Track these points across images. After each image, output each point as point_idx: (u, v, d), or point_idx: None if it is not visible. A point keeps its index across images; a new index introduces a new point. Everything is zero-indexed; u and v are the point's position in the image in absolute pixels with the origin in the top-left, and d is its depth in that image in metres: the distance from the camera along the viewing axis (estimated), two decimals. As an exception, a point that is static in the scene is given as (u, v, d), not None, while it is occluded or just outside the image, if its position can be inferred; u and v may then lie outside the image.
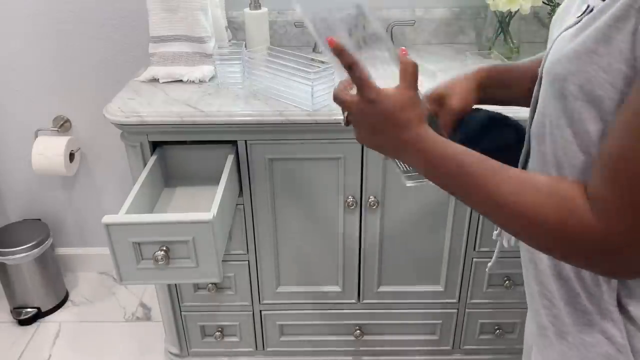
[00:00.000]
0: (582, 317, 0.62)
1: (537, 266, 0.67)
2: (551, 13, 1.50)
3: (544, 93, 0.60)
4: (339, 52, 0.62)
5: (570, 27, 0.57)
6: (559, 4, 1.49)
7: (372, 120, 0.63)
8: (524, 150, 0.71)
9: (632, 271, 0.53)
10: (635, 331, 0.59)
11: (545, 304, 0.67)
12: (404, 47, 0.67)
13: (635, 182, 0.48)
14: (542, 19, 1.61)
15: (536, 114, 0.64)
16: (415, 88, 0.63)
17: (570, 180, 0.54)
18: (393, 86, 0.63)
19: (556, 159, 0.59)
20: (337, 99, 0.67)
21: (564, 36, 0.57)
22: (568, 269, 0.62)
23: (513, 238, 0.81)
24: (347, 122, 0.68)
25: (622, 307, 0.59)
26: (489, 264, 0.95)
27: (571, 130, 0.56)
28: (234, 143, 1.28)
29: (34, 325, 1.83)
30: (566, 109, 0.56)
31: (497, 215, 0.57)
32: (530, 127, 0.67)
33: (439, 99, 0.79)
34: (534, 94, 0.65)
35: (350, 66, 0.62)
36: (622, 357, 0.60)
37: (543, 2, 1.43)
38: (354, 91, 0.65)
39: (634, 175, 0.48)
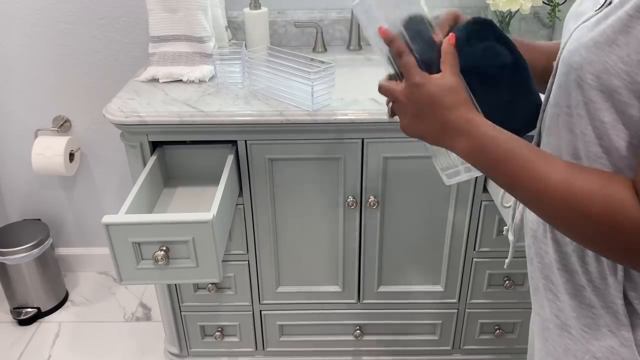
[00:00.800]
0: (586, 311, 0.62)
1: (542, 260, 0.67)
2: (551, 13, 1.50)
3: (558, 84, 0.61)
4: (390, 41, 0.65)
5: (589, 19, 0.57)
6: (559, 4, 1.49)
7: (418, 104, 0.64)
8: (534, 142, 0.71)
9: None
10: (638, 323, 0.59)
11: (550, 297, 0.67)
12: (452, 33, 0.67)
13: None
14: (542, 19, 1.61)
15: (548, 105, 0.64)
16: (458, 73, 0.64)
17: (621, 175, 0.53)
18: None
19: (572, 149, 0.60)
20: (382, 88, 0.69)
21: (582, 28, 0.57)
22: (574, 262, 0.62)
23: (518, 231, 0.81)
24: (392, 112, 0.70)
25: (627, 301, 0.59)
26: (507, 261, 0.94)
27: (586, 120, 0.56)
28: (234, 143, 1.28)
29: (34, 325, 1.83)
30: (582, 99, 0.55)
31: (544, 204, 0.55)
32: (542, 120, 0.67)
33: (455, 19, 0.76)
34: (547, 87, 0.65)
35: (400, 54, 0.65)
36: (626, 351, 0.60)
37: (543, 2, 1.43)
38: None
39: None
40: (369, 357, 1.62)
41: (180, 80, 1.39)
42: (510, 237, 0.85)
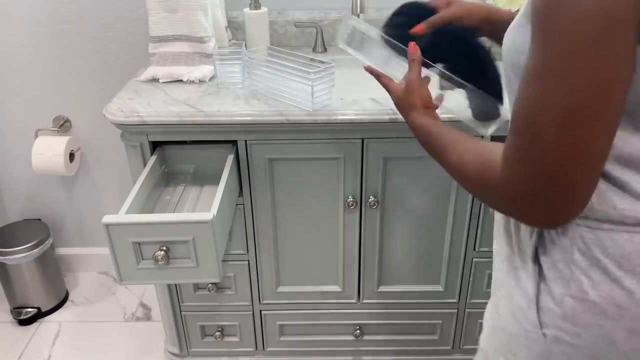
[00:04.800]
0: (512, 272, 0.67)
1: (497, 229, 0.73)
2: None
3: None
4: (370, 71, 0.89)
5: None
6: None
7: (397, 107, 0.85)
8: None
9: (539, 218, 0.56)
10: (543, 288, 0.62)
11: (497, 260, 0.73)
12: (412, 42, 0.83)
13: (522, 126, 0.52)
14: (542, 19, 1.61)
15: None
16: (417, 74, 0.81)
17: (496, 146, 0.59)
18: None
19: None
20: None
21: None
22: (511, 225, 0.68)
23: None
24: None
25: (538, 263, 0.63)
26: None
27: (509, 97, 0.65)
28: (234, 143, 1.28)
29: (34, 325, 1.83)
30: (507, 80, 0.63)
31: (454, 177, 0.69)
32: None
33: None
34: None
35: (377, 79, 0.88)
36: (529, 312, 0.63)
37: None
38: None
39: (524, 121, 0.52)
40: (369, 357, 1.62)
41: (181, 80, 1.39)
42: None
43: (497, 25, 0.86)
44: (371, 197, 1.33)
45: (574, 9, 0.46)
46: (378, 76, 0.88)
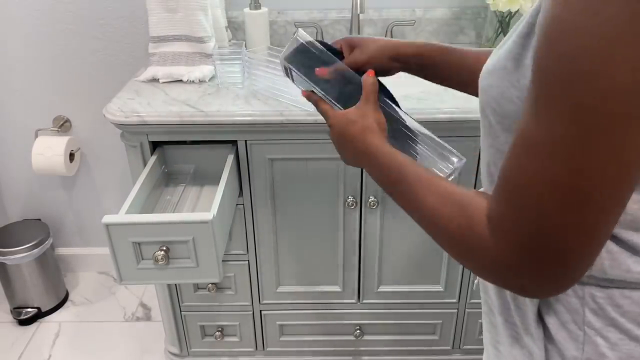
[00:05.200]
0: (511, 329, 0.62)
1: None
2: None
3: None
4: (308, 97, 0.78)
5: (503, 42, 0.57)
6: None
7: (337, 138, 0.73)
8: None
9: (528, 290, 0.51)
10: (552, 349, 0.57)
11: (486, 311, 0.68)
12: (371, 70, 0.75)
13: (519, 200, 0.46)
14: (542, 19, 1.61)
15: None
16: (372, 102, 0.72)
17: (483, 196, 0.53)
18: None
19: (487, 171, 0.60)
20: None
21: (495, 51, 0.57)
22: None
23: None
24: None
25: (543, 323, 0.58)
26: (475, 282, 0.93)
27: (492, 144, 0.57)
28: (234, 143, 1.28)
29: (34, 325, 1.83)
30: (486, 123, 0.56)
31: (421, 222, 0.59)
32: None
33: (350, 44, 0.81)
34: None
35: (316, 104, 0.77)
36: None
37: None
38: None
39: (522, 194, 0.46)
40: (369, 357, 1.62)
41: (181, 80, 1.39)
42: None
43: (411, 62, 0.79)
44: (371, 197, 1.33)
45: (600, 81, 0.39)
46: (317, 102, 0.77)
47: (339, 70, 0.76)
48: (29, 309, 1.82)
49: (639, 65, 0.38)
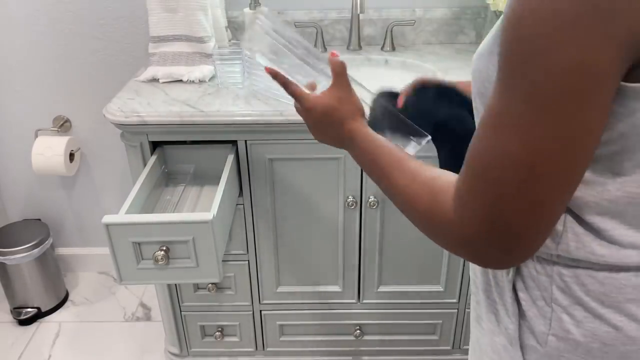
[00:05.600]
0: (491, 306, 0.65)
1: None
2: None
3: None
4: (274, 76, 0.78)
5: None
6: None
7: (315, 123, 0.76)
8: None
9: (490, 261, 0.54)
10: (524, 325, 0.60)
11: (473, 290, 0.71)
12: (334, 51, 0.77)
13: (479, 174, 0.49)
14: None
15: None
16: (345, 85, 0.74)
17: (451, 175, 0.56)
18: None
19: None
20: (296, 109, 0.80)
21: (485, 37, 0.59)
22: None
23: None
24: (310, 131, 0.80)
25: (517, 300, 0.61)
26: None
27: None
28: (234, 143, 1.28)
29: (34, 325, 1.83)
30: (479, 108, 0.59)
31: (395, 203, 0.64)
32: None
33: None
34: None
35: (284, 85, 0.78)
36: (514, 351, 0.61)
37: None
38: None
39: (483, 168, 0.49)
40: (369, 357, 1.62)
41: (180, 80, 1.39)
42: None
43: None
44: (371, 197, 1.33)
45: (550, 59, 0.42)
46: (285, 84, 0.78)
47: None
48: (29, 309, 1.82)
49: (583, 46, 0.41)
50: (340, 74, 0.75)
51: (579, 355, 0.57)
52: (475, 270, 0.69)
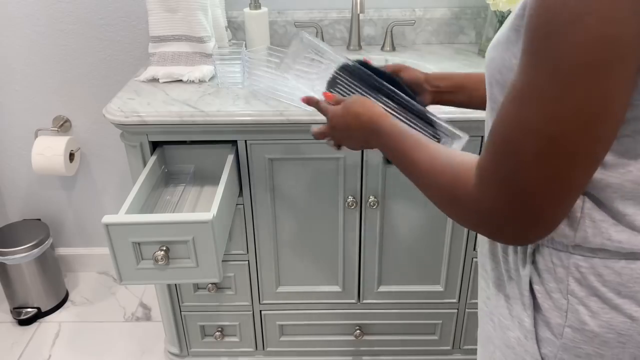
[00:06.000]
0: (503, 300, 0.65)
1: (481, 249, 0.71)
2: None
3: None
4: (311, 105, 0.88)
5: None
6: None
7: (348, 125, 0.78)
8: None
9: (509, 237, 0.55)
10: (539, 317, 0.60)
11: (482, 285, 0.71)
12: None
13: (502, 147, 0.50)
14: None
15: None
16: (350, 99, 0.81)
17: (474, 156, 0.58)
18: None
19: None
20: (318, 134, 0.87)
21: (501, 28, 0.61)
22: (499, 251, 0.65)
23: None
24: (337, 145, 0.87)
25: (533, 294, 0.61)
26: None
27: (493, 115, 0.61)
28: (234, 143, 1.28)
29: (34, 325, 1.83)
30: (492, 97, 0.60)
31: (418, 185, 0.65)
32: None
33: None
34: None
35: (318, 108, 0.86)
36: (529, 344, 0.61)
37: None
38: None
39: (504, 141, 0.50)
40: (369, 357, 1.62)
41: (180, 80, 1.39)
42: None
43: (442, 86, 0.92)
44: (371, 197, 1.33)
45: (576, 31, 0.43)
46: (317, 104, 0.87)
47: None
48: (29, 309, 1.82)
49: (609, 19, 0.42)
50: (340, 100, 0.83)
51: (595, 346, 0.57)
52: (485, 266, 0.69)
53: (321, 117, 1.21)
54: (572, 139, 0.46)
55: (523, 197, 0.49)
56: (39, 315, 1.84)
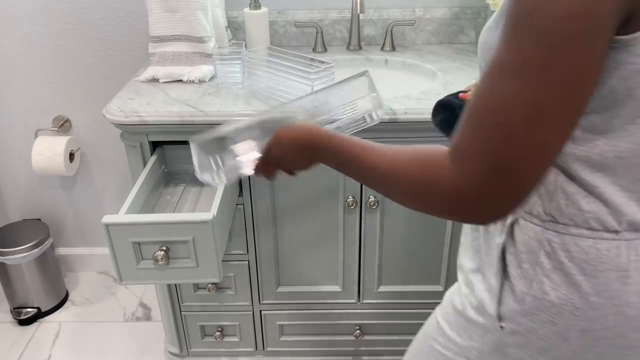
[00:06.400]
0: (477, 262, 0.71)
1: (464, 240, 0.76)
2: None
3: None
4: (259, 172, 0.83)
5: None
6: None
7: (290, 151, 0.75)
8: None
9: (486, 213, 0.55)
10: (506, 284, 0.66)
11: (462, 240, 0.77)
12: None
13: (490, 119, 0.51)
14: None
15: None
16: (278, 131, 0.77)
17: (432, 145, 0.58)
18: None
19: None
20: (263, 172, 0.83)
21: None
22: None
23: None
24: (290, 172, 0.83)
25: (504, 261, 0.66)
26: None
27: None
28: (234, 143, 1.28)
29: (34, 325, 1.83)
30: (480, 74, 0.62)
31: (379, 187, 0.63)
32: None
33: None
34: None
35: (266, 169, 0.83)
36: (491, 306, 0.68)
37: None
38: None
39: (490, 113, 0.51)
40: (369, 357, 1.62)
41: (180, 80, 1.39)
42: None
43: None
44: (371, 197, 1.33)
45: (558, 5, 0.46)
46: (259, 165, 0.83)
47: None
48: (29, 309, 1.82)
49: None
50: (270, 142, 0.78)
51: (550, 314, 0.63)
52: (467, 233, 0.74)
53: (321, 118, 1.22)
54: (558, 106, 0.48)
55: (508, 166, 0.50)
56: (39, 315, 1.84)
